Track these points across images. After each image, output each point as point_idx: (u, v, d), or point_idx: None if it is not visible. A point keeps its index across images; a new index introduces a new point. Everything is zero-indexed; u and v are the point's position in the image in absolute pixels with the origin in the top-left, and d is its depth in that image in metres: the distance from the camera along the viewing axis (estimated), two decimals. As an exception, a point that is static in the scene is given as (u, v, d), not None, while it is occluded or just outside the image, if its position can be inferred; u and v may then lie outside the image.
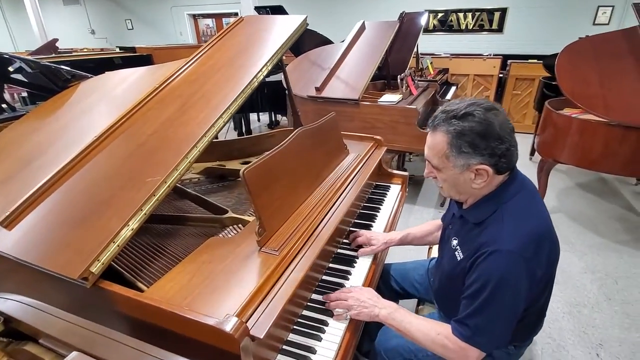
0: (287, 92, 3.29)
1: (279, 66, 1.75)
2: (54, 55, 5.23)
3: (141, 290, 0.90)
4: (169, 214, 1.35)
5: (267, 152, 1.13)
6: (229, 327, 0.70)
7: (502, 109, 0.88)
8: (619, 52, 2.36)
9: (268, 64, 1.43)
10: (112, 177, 1.06)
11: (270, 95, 4.25)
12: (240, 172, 0.98)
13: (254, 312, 0.80)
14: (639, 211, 3.04)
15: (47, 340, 0.63)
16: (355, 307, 0.98)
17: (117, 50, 6.29)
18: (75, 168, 1.13)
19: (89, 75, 1.98)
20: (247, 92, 1.31)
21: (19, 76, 2.20)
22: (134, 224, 0.91)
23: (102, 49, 6.86)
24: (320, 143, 1.47)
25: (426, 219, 2.96)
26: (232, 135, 4.82)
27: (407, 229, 1.37)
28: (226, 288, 0.86)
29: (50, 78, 2.01)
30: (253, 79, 1.36)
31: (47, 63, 2.07)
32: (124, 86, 1.70)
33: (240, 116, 4.58)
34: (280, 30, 1.61)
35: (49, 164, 1.18)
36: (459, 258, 0.97)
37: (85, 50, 6.70)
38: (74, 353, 0.59)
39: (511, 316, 0.86)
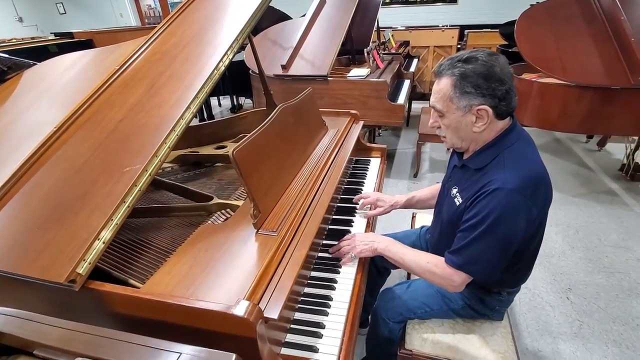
0: (252, 71, 3.17)
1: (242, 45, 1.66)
2: (-22, 48, 4.63)
3: (136, 288, 0.84)
4: (148, 206, 1.26)
5: (252, 132, 1.07)
6: (241, 311, 0.67)
7: (501, 55, 0.92)
8: (571, 15, 2.48)
9: (239, 38, 1.35)
10: (84, 170, 0.96)
11: (232, 76, 4.05)
12: (230, 153, 0.92)
13: (264, 294, 0.78)
14: (589, 166, 3.31)
15: (43, 351, 0.57)
16: (357, 247, 1.09)
17: (52, 37, 5.67)
18: (37, 164, 1.01)
19: (30, 62, 1.77)
20: (221, 69, 1.24)
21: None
22: (118, 219, 0.84)
23: (33, 38, 6.14)
24: (302, 119, 1.42)
25: (401, 190, 3.03)
26: (193, 122, 4.58)
27: (411, 192, 1.41)
28: (229, 274, 0.82)
29: (-16, 72, 1.77)
30: (224, 56, 1.28)
31: (-23, 54, 1.82)
32: (74, 72, 1.54)
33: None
34: (246, 1, 1.51)
35: (3, 164, 1.05)
36: (458, 203, 1.01)
37: (14, 40, 5.97)
38: (78, 359, 0.54)
39: (505, 251, 0.91)
